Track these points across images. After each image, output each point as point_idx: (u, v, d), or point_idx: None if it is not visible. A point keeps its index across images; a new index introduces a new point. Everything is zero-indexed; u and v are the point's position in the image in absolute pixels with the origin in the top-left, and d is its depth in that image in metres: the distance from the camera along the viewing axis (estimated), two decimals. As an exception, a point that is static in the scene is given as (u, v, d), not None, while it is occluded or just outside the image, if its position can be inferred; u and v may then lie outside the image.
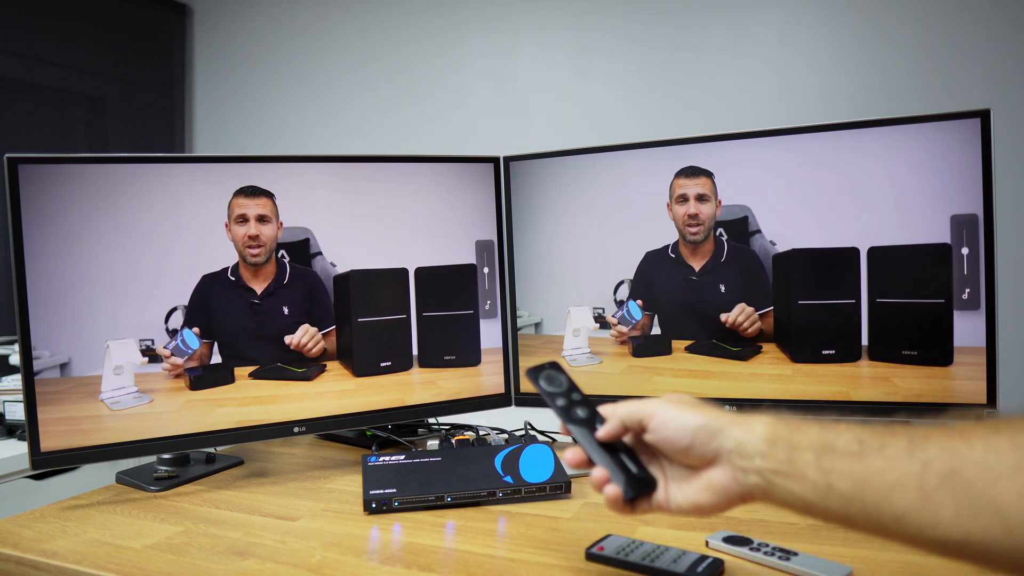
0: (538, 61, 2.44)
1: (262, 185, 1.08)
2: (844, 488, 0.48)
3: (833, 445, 0.50)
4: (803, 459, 0.51)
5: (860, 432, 0.50)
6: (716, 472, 0.57)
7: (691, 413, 0.59)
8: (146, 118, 2.86)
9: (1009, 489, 0.42)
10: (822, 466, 0.50)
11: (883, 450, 0.48)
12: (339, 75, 2.73)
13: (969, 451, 0.44)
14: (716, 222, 1.11)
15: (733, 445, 0.56)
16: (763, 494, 0.55)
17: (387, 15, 2.65)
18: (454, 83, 2.56)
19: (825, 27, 2.10)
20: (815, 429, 0.52)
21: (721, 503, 0.58)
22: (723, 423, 0.58)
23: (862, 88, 2.06)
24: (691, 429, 0.58)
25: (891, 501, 0.46)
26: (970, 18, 1.96)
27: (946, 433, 0.46)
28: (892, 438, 0.48)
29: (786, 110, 2.13)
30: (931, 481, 0.45)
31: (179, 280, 1.05)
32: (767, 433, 0.55)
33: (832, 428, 0.52)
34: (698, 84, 2.24)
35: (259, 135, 2.87)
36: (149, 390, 1.04)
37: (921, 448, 0.46)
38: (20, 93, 2.49)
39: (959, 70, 1.97)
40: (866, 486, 0.47)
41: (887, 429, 0.49)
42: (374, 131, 2.68)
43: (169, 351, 1.05)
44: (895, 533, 0.47)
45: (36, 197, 0.95)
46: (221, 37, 2.94)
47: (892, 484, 0.46)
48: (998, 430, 0.44)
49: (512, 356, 1.20)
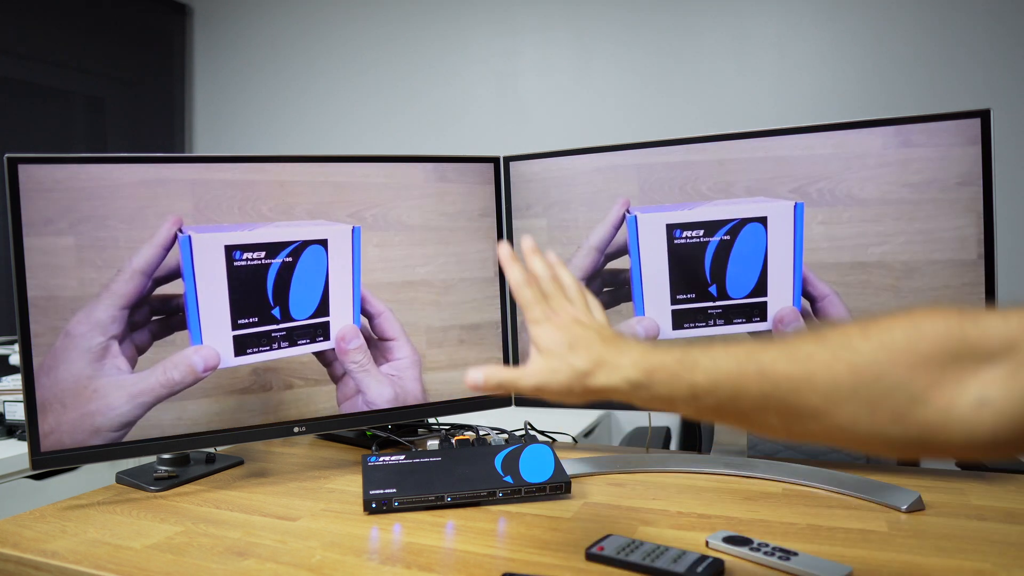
0: (538, 61, 2.44)
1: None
2: (703, 382, 0.54)
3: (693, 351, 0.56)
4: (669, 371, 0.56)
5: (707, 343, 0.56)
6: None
7: (559, 384, 0.61)
8: (146, 118, 2.86)
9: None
10: (685, 366, 0.55)
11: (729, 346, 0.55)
12: (339, 75, 2.74)
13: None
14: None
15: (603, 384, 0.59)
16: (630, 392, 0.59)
17: (387, 15, 2.65)
18: (454, 83, 2.56)
19: (825, 27, 2.10)
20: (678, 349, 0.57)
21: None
22: (591, 372, 0.60)
23: (862, 88, 2.06)
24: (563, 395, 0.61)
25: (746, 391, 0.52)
26: (970, 18, 1.96)
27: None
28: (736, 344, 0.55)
29: (786, 110, 2.13)
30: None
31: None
32: (640, 364, 0.58)
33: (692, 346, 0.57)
34: (698, 84, 2.24)
35: (259, 135, 2.87)
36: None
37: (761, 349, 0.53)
38: (20, 93, 2.49)
39: (959, 70, 1.97)
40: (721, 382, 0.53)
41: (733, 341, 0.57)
42: (374, 131, 2.68)
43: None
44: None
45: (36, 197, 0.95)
46: (221, 37, 2.95)
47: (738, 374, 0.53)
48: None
49: (512, 356, 1.20)
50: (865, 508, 0.90)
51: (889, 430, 0.47)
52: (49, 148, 2.19)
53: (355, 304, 1.04)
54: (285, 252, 0.88)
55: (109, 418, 0.96)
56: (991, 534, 0.81)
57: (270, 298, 0.94)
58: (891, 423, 0.47)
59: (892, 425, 0.47)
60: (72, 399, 0.96)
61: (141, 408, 0.97)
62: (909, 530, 0.82)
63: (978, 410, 0.44)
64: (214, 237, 0.94)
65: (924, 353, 0.46)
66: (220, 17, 2.94)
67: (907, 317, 0.48)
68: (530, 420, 1.21)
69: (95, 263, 0.98)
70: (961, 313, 0.46)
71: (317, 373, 1.10)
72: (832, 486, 0.97)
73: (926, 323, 0.47)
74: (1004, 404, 0.43)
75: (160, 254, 0.95)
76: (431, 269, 1.16)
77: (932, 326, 0.46)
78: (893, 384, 0.46)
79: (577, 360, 0.60)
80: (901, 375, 0.46)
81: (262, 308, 0.95)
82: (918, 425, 0.46)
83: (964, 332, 0.45)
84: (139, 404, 0.97)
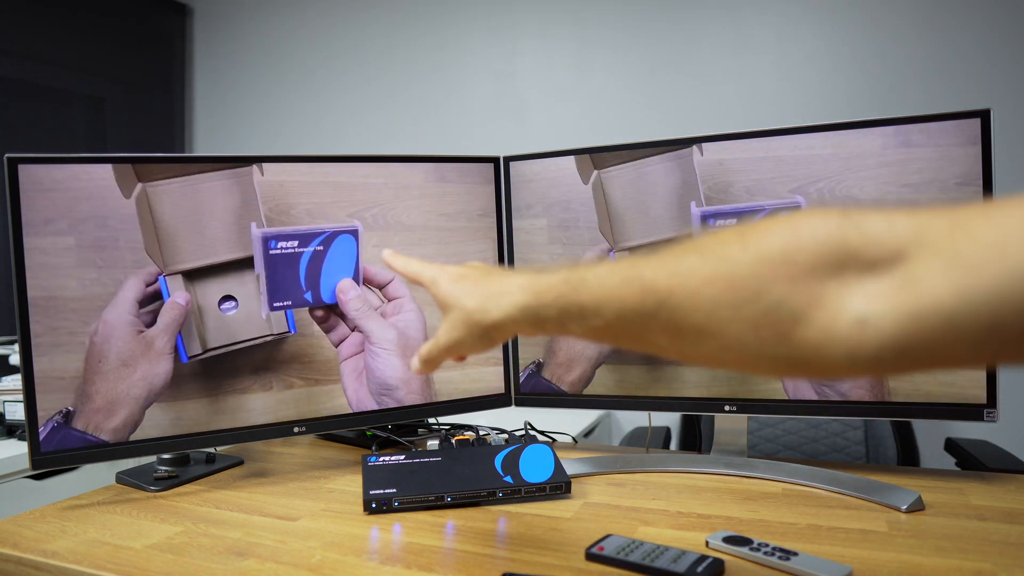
0: (538, 61, 2.44)
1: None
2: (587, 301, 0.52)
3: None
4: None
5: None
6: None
7: (460, 334, 0.61)
8: (146, 118, 2.87)
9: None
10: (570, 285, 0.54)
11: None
12: (339, 75, 2.74)
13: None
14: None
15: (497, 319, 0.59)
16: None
17: (387, 15, 2.65)
18: (454, 83, 2.56)
19: (825, 27, 2.10)
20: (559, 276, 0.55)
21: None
22: (483, 307, 0.59)
23: (862, 88, 2.06)
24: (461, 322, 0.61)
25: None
26: (970, 18, 1.96)
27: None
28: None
29: (786, 110, 2.13)
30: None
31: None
32: (527, 287, 0.57)
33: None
34: (698, 84, 2.24)
35: (259, 135, 2.87)
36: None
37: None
38: (20, 93, 2.49)
39: (959, 70, 1.97)
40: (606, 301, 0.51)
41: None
42: (374, 131, 2.68)
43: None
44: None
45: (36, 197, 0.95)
46: (221, 37, 2.95)
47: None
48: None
49: (512, 356, 1.20)
50: (865, 508, 0.90)
51: (775, 350, 0.43)
52: (49, 148, 2.19)
53: (357, 274, 1.09)
54: (316, 241, 0.97)
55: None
56: (991, 534, 0.81)
57: (302, 283, 1.02)
58: (776, 343, 0.43)
59: (777, 345, 0.43)
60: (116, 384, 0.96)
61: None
62: (909, 530, 0.82)
63: (859, 328, 0.40)
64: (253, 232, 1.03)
65: (803, 264, 0.41)
66: (220, 17, 2.94)
67: (786, 221, 0.44)
68: (530, 420, 1.21)
69: (95, 263, 0.98)
70: (843, 215, 0.42)
71: (318, 373, 1.10)
72: (832, 486, 0.97)
73: (805, 229, 0.42)
74: (887, 323, 0.39)
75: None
76: (431, 269, 1.16)
77: (811, 232, 0.42)
78: (775, 301, 0.42)
79: (468, 302, 0.60)
80: (782, 291, 0.42)
81: (296, 292, 1.04)
82: (802, 345, 0.42)
83: (846, 238, 0.41)
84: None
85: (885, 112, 1.01)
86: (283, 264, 0.97)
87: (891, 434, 1.80)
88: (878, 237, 0.40)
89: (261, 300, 1.01)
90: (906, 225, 0.39)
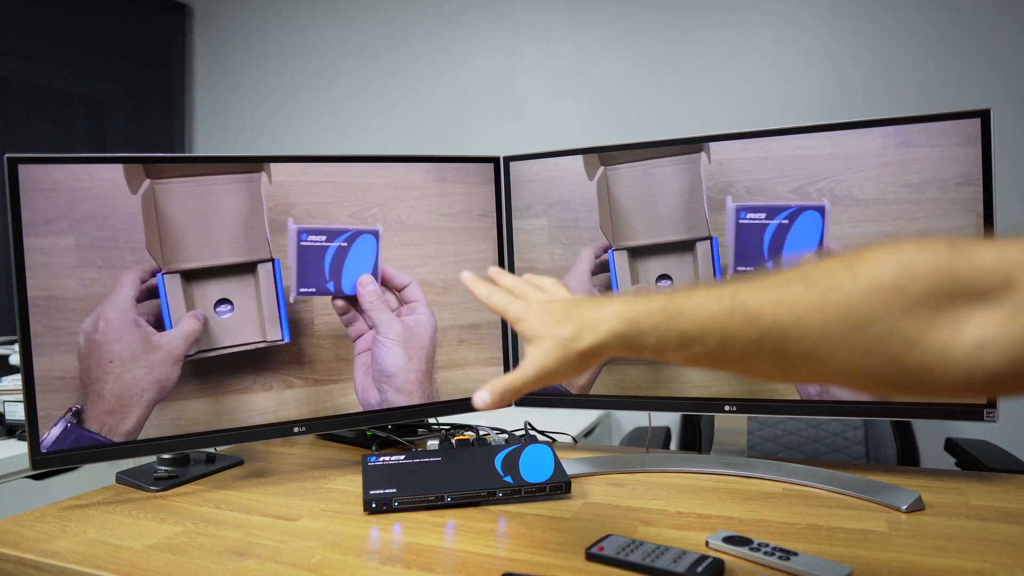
0: (538, 61, 2.44)
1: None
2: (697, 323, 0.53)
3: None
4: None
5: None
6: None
7: (553, 361, 0.61)
8: (146, 118, 2.87)
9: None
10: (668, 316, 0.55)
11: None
12: (339, 75, 2.74)
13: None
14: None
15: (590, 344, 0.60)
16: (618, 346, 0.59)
17: (387, 15, 2.65)
18: (454, 83, 2.56)
19: (825, 27, 2.10)
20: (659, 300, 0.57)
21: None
22: (576, 336, 0.60)
23: (862, 88, 2.06)
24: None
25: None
26: (970, 18, 1.96)
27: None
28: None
29: (786, 110, 2.13)
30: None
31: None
32: (623, 314, 0.58)
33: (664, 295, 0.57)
34: (698, 84, 2.24)
35: (259, 135, 2.87)
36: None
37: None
38: (20, 93, 2.49)
39: (959, 70, 1.97)
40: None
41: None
42: (374, 131, 2.68)
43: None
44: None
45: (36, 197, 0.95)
46: (221, 37, 2.95)
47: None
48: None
49: (512, 356, 1.20)
50: (865, 508, 0.90)
51: (886, 373, 0.46)
52: (49, 148, 2.19)
53: (376, 271, 1.13)
54: (342, 237, 1.06)
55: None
56: (991, 534, 0.81)
57: (327, 274, 1.09)
58: (888, 367, 0.45)
59: (889, 369, 0.45)
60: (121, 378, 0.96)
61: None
62: (909, 530, 0.82)
63: (976, 352, 0.43)
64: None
65: (916, 294, 0.44)
66: (220, 17, 2.94)
67: (894, 252, 0.46)
68: (530, 420, 1.21)
69: (95, 263, 0.99)
70: (952, 246, 0.44)
71: (318, 373, 1.10)
72: (832, 486, 0.97)
73: (915, 260, 0.45)
74: (1003, 345, 0.42)
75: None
76: (431, 269, 1.16)
77: (922, 264, 0.44)
78: (887, 328, 0.45)
79: (561, 330, 0.61)
80: (894, 320, 0.44)
81: (320, 281, 1.10)
82: (915, 368, 0.45)
83: (955, 269, 0.43)
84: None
85: (885, 112, 1.01)
86: (311, 255, 1.05)
87: (891, 434, 1.80)
88: (987, 267, 0.42)
89: (291, 286, 1.07)
90: (1013, 254, 0.42)
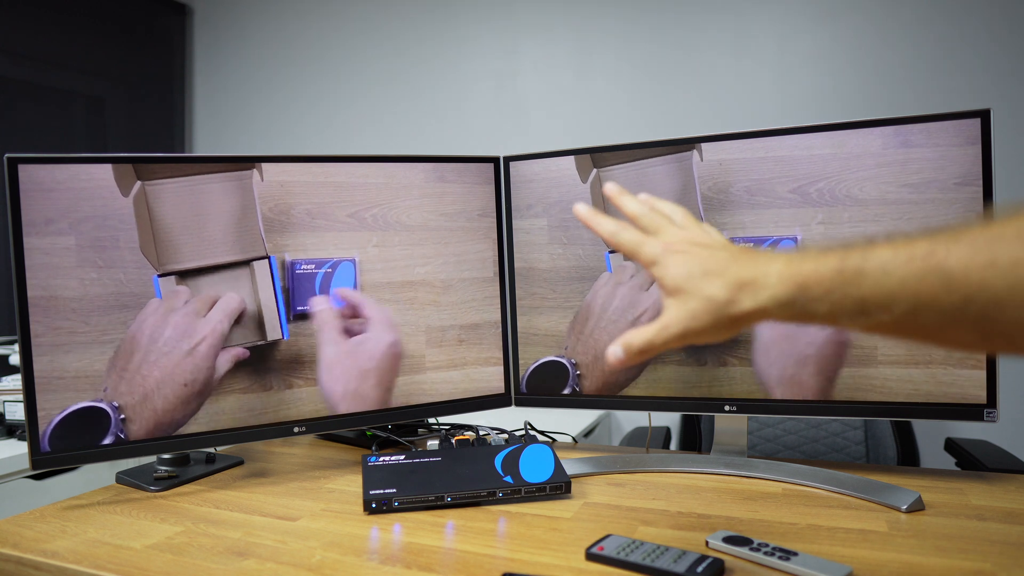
0: (538, 61, 2.44)
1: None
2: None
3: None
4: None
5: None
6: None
7: (702, 325, 0.54)
8: (146, 118, 2.86)
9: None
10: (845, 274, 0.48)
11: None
12: (339, 75, 2.74)
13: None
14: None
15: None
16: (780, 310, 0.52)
17: (387, 15, 2.65)
18: (454, 83, 2.56)
19: (825, 27, 2.10)
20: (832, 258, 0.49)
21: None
22: (733, 299, 0.53)
23: (861, 88, 2.06)
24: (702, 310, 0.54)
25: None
26: (970, 18, 1.96)
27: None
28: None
29: (786, 110, 2.13)
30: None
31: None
32: (789, 277, 0.51)
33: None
34: (697, 84, 2.24)
35: (259, 135, 2.87)
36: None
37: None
38: (20, 93, 2.49)
39: (959, 70, 1.97)
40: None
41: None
42: (374, 131, 2.68)
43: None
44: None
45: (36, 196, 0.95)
46: (221, 37, 2.95)
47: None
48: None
49: (512, 356, 1.20)
50: (865, 508, 0.90)
51: None
52: (49, 148, 2.19)
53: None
54: (327, 265, 1.11)
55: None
56: (991, 534, 0.81)
57: (316, 294, 1.13)
58: None
59: None
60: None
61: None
62: (909, 530, 0.82)
63: None
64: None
65: None
66: (220, 17, 2.94)
67: None
68: (530, 420, 1.21)
69: (95, 263, 0.99)
70: None
71: (317, 373, 1.10)
72: (832, 486, 0.97)
73: None
74: None
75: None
76: (430, 269, 1.16)
77: None
78: None
79: (714, 289, 0.53)
80: None
81: (312, 299, 1.13)
82: None
83: None
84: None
85: (885, 112, 1.01)
86: (304, 280, 1.11)
87: (891, 434, 1.80)
88: None
89: (289, 308, 1.12)
90: None
